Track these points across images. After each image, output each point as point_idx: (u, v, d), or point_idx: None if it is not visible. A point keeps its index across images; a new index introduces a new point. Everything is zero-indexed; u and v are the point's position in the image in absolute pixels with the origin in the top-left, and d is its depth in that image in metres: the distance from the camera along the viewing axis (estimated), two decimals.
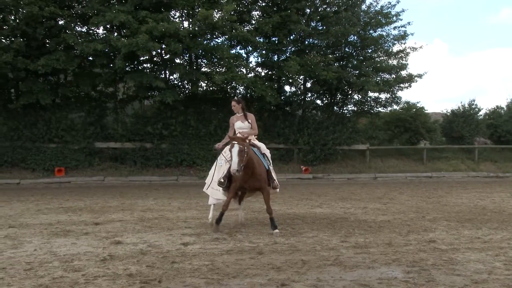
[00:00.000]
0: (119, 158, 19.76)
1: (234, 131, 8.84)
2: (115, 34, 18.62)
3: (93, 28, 18.89)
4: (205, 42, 19.33)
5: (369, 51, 22.23)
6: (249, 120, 8.81)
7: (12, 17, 18.11)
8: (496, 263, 6.30)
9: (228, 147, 8.20)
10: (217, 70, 19.93)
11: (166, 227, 8.75)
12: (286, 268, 5.99)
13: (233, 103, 8.98)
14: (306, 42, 21.77)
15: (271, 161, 8.76)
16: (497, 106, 27.25)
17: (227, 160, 8.29)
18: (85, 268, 5.94)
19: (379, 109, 23.87)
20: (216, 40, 20.43)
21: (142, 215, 10.30)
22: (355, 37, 21.64)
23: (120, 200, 13.05)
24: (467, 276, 5.69)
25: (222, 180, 8.34)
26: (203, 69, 20.61)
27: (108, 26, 18.58)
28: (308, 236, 7.97)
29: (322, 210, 11.22)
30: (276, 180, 8.60)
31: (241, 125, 8.81)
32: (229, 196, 8.39)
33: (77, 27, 19.05)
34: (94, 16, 17.65)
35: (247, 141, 7.97)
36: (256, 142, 8.72)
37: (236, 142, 7.72)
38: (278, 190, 8.80)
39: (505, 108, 26.82)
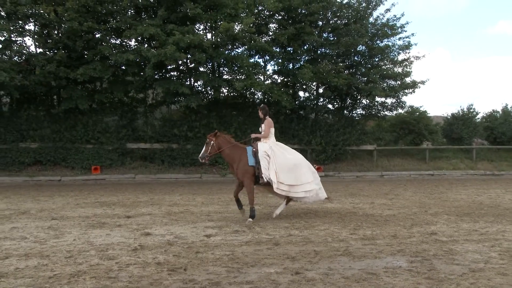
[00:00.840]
0: (149, 157, 19.89)
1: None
2: (146, 45, 18.71)
3: (126, 40, 19.03)
4: (226, 52, 19.36)
5: (376, 59, 22.09)
6: (262, 125, 9.05)
7: (55, 32, 18.41)
8: (492, 253, 6.24)
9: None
10: (237, 77, 19.96)
11: (191, 220, 8.80)
12: (300, 258, 5.99)
13: (258, 110, 9.40)
14: (319, 51, 21.68)
15: (268, 160, 8.67)
16: (493, 110, 26.91)
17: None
18: (118, 256, 6.01)
19: (386, 112, 23.71)
20: (237, 50, 20.47)
21: (169, 209, 10.37)
22: (364, 47, 21.52)
23: (150, 195, 13.15)
24: (465, 265, 5.65)
25: None
26: (224, 77, 20.64)
27: (139, 38, 18.71)
28: (320, 229, 7.96)
29: (333, 205, 11.18)
30: (264, 174, 8.57)
31: (260, 129, 9.15)
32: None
33: (111, 40, 19.20)
34: (127, 30, 17.81)
35: (215, 137, 8.84)
36: (259, 143, 8.92)
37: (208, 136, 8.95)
38: (271, 186, 8.74)
39: (501, 112, 26.47)
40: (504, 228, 8.14)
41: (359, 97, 23.02)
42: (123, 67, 19.03)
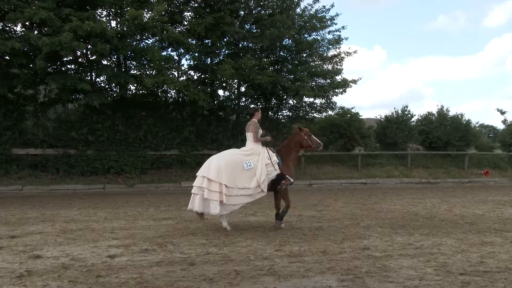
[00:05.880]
0: (40, 165, 19.11)
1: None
2: (36, 32, 17.98)
3: (9, 25, 18.12)
4: (134, 43, 19.04)
5: (304, 55, 22.66)
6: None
7: None
8: (427, 269, 6.57)
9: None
10: (147, 73, 19.68)
11: (91, 239, 8.55)
12: (219, 279, 5.98)
13: None
14: (240, 45, 21.91)
15: None
16: (428, 112, 28.36)
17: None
18: None
19: (314, 114, 24.35)
20: (146, 41, 20.20)
21: (65, 226, 10.03)
22: (290, 40, 22.00)
23: (41, 210, 12.64)
24: (400, 282, 5.90)
25: None
26: (132, 72, 20.29)
27: (27, 23, 17.95)
28: (241, 246, 8.00)
29: (256, 218, 11.30)
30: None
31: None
32: None
33: None
34: (11, 12, 16.96)
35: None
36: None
37: None
38: None
39: (436, 115, 27.94)
40: (440, 241, 8.61)
41: (285, 97, 23.46)
42: (7, 57, 18.11)
